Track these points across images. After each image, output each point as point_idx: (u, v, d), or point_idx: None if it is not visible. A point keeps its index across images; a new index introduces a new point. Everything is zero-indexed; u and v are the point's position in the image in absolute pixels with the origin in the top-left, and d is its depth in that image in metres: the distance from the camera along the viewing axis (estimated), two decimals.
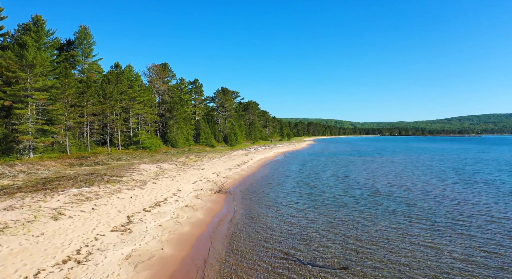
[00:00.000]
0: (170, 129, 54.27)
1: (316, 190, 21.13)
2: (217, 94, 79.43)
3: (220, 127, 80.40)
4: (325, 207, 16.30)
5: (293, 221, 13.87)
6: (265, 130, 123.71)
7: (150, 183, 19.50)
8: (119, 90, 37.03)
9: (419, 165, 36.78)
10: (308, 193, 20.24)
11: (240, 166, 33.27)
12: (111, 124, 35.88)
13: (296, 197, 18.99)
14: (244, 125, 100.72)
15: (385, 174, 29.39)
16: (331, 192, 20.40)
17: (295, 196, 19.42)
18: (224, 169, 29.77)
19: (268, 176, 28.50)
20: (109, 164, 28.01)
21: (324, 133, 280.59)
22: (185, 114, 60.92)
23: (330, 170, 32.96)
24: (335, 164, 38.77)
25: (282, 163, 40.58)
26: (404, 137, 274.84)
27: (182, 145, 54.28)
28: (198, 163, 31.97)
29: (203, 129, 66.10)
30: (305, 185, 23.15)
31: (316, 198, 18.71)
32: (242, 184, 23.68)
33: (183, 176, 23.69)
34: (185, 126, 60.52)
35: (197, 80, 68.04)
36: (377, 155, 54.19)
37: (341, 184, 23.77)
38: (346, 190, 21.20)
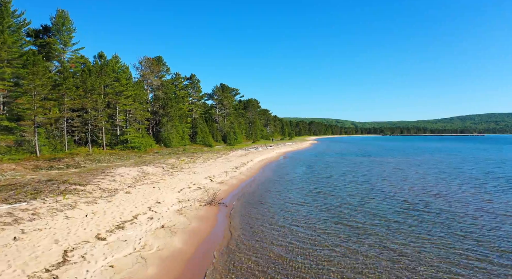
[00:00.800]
0: (163, 128, 50.18)
1: (331, 201, 17.01)
2: (215, 91, 75.26)
3: (218, 126, 76.29)
4: (349, 230, 12.14)
5: (311, 251, 9.76)
6: (266, 130, 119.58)
7: (123, 192, 15.40)
8: (103, 83, 32.96)
9: (441, 168, 32.62)
10: (322, 206, 16.11)
11: (238, 169, 29.19)
12: (93, 121, 31.82)
13: (309, 211, 14.89)
14: (245, 124, 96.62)
15: (407, 178, 25.26)
16: (350, 204, 16.28)
17: (306, 209, 15.31)
18: (219, 172, 25.68)
19: (271, 180, 24.40)
20: (84, 167, 23.93)
21: (326, 133, 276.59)
22: (181, 112, 56.82)
23: (341, 173, 28.84)
24: (345, 166, 34.64)
25: (286, 165, 36.48)
26: (407, 137, 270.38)
27: (176, 144, 50.18)
28: (190, 165, 27.88)
29: (200, 128, 62.00)
30: (317, 194, 19.04)
31: (333, 213, 14.59)
32: (240, 192, 19.58)
33: (169, 181, 19.59)
34: (180, 124, 56.40)
35: (194, 75, 63.95)
36: (388, 156, 50.05)
37: (359, 191, 19.65)
38: (368, 200, 17.08)
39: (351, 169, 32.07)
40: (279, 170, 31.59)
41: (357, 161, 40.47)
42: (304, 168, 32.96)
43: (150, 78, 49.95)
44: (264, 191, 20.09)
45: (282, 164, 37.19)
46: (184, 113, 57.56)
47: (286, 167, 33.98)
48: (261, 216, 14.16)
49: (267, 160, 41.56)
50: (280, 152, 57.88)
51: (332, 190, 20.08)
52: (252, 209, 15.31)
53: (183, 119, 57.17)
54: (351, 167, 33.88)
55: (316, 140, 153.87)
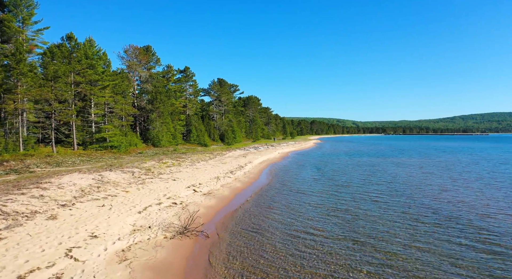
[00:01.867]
0: (152, 125, 44.70)
1: (366, 229, 11.41)
2: (212, 86, 69.62)
3: (216, 124, 70.80)
4: None
5: None
6: (267, 128, 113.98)
7: (42, 217, 9.86)
8: (72, 70, 27.45)
9: (479, 172, 26.97)
10: (354, 238, 10.53)
11: (233, 173, 23.65)
12: (57, 116, 26.27)
13: (337, 247, 9.33)
14: (244, 123, 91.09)
15: (446, 187, 19.66)
16: (396, 234, 10.69)
17: (334, 245, 9.74)
18: (208, 179, 20.15)
19: (275, 190, 18.85)
20: (32, 172, 18.41)
21: (328, 132, 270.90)
22: (173, 108, 51.31)
23: (360, 179, 23.26)
24: (361, 169, 29.04)
25: (291, 168, 30.91)
26: (410, 136, 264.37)
27: (166, 143, 44.66)
28: (172, 169, 22.33)
29: (194, 125, 56.48)
30: (340, 215, 13.45)
31: (377, 254, 9.02)
32: (233, 210, 14.03)
33: (133, 194, 14.06)
34: (172, 121, 50.91)
35: (188, 68, 58.28)
36: (403, 156, 44.39)
37: (397, 208, 14.08)
38: (418, 226, 11.50)
39: (370, 172, 26.48)
40: (284, 174, 26.02)
41: (373, 163, 34.86)
42: (313, 172, 27.37)
43: (137, 69, 44.40)
44: (266, 208, 14.53)
45: (287, 167, 31.61)
46: (176, 109, 52.03)
47: (292, 171, 28.40)
48: (263, 258, 8.62)
49: (268, 161, 35.99)
50: (283, 152, 52.31)
51: (359, 208, 14.49)
52: (249, 244, 9.76)
53: (175, 116, 51.65)
54: (369, 170, 28.29)
55: (319, 139, 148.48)
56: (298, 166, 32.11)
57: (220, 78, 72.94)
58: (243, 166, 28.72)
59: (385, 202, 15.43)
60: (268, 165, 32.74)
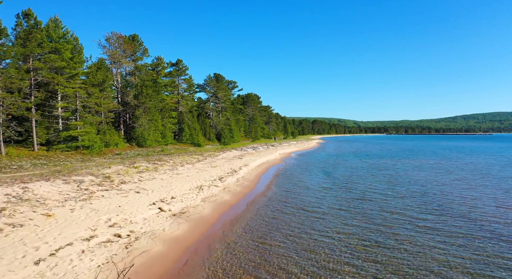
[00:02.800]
0: (138, 122, 39.89)
1: (415, 269, 6.54)
2: (208, 81, 64.69)
3: (212, 122, 65.93)
4: None
5: None
6: (267, 128, 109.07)
7: None
8: (29, 54, 22.66)
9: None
10: None
11: (223, 180, 18.80)
12: (6, 109, 21.39)
13: None
14: (243, 121, 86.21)
15: (498, 199, 14.76)
16: None
17: None
18: (187, 189, 15.29)
19: (274, 206, 13.96)
20: None
21: (330, 132, 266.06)
22: (163, 104, 46.48)
23: (382, 189, 18.35)
24: (379, 174, 24.12)
25: (294, 172, 26.02)
26: (413, 136, 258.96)
27: (153, 143, 39.82)
28: (143, 176, 17.46)
29: (187, 123, 51.62)
30: (372, 251, 8.58)
31: None
32: (212, 245, 9.15)
33: (56, 220, 9.20)
34: (161, 119, 46.10)
35: (180, 61, 53.33)
36: (418, 157, 39.42)
37: (458, 242, 9.20)
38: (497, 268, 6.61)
39: (392, 179, 21.58)
40: (286, 182, 21.13)
41: (388, 166, 29.94)
42: (321, 179, 22.48)
43: (121, 60, 39.55)
44: (261, 242, 9.66)
45: (289, 171, 26.74)
46: (167, 105, 47.17)
47: (295, 176, 23.50)
48: None
49: (268, 164, 31.13)
50: (284, 152, 47.44)
51: (401, 241, 9.60)
52: None
53: (165, 113, 46.81)
54: (389, 175, 23.37)
55: (321, 138, 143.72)
56: (302, 170, 27.22)
57: (217, 73, 68.09)
58: (237, 170, 23.86)
59: (435, 228, 10.56)
60: (267, 168, 27.87)
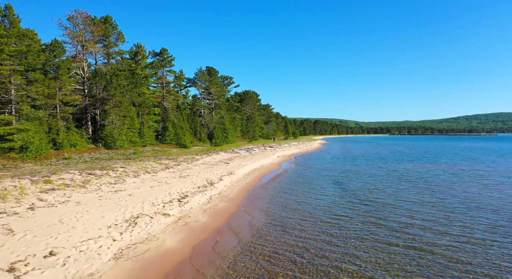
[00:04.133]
0: (108, 119, 33.35)
1: None
2: (199, 75, 58.03)
3: (204, 120, 59.36)
4: None
5: None
6: (266, 127, 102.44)
7: None
8: None
9: None
10: None
11: (185, 201, 12.19)
12: None
13: None
14: (240, 120, 79.60)
15: None
16: None
17: None
18: (102, 227, 8.69)
19: (264, 260, 7.34)
20: None
21: (332, 133, 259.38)
22: (142, 98, 39.95)
23: (432, 216, 11.70)
24: (412, 187, 17.44)
25: (296, 184, 19.36)
26: (417, 136, 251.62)
27: (125, 144, 33.25)
28: (47, 197, 10.86)
29: (172, 122, 45.03)
30: None
31: None
32: None
33: None
34: (140, 116, 39.58)
35: (165, 50, 46.65)
36: (443, 161, 32.68)
37: None
38: None
39: (435, 196, 14.93)
40: (283, 203, 14.46)
41: (415, 173, 23.26)
42: (334, 196, 15.81)
43: (87, 44, 32.99)
44: None
45: (288, 183, 20.10)
46: (147, 100, 40.60)
47: (296, 192, 16.85)
48: None
49: (261, 170, 24.52)
50: (284, 155, 40.83)
51: None
52: None
53: (145, 108, 40.26)
54: (425, 189, 16.70)
55: (324, 139, 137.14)
56: (305, 181, 20.54)
57: (210, 67, 61.40)
58: (216, 181, 17.26)
59: None
60: (260, 177, 21.26)
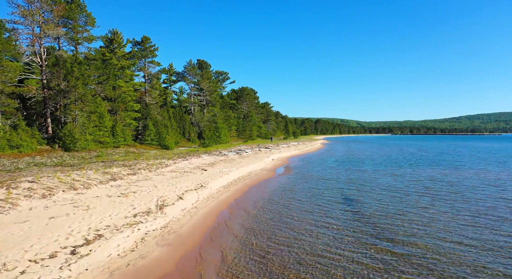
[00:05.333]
0: (71, 116, 28.13)
1: None
2: (189, 68, 52.69)
3: (194, 119, 54.09)
4: None
5: None
6: (265, 127, 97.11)
7: None
8: None
9: None
10: None
11: (87, 250, 6.88)
12: None
13: None
14: (236, 119, 74.31)
15: None
16: None
17: None
18: None
19: None
20: None
21: (333, 132, 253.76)
22: (118, 93, 34.73)
23: None
24: (443, 206, 12.07)
25: (291, 201, 14.01)
26: (421, 136, 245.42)
27: (91, 145, 28.00)
28: None
29: (154, 119, 39.79)
30: None
31: None
32: None
33: None
34: (112, 113, 34.37)
35: (147, 39, 41.34)
36: (466, 165, 27.24)
37: None
38: None
39: (491, 224, 9.60)
40: (265, 241, 9.16)
41: (443, 183, 17.85)
42: (341, 226, 10.46)
43: (43, 26, 27.72)
44: None
45: (282, 200, 14.75)
46: (123, 94, 35.34)
47: (287, 220, 11.54)
48: None
49: (246, 180, 19.20)
50: (280, 157, 35.51)
51: None
52: None
53: (120, 104, 34.99)
54: (465, 207, 11.33)
55: (325, 139, 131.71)
56: (300, 196, 15.14)
57: (201, 60, 56.05)
58: (171, 201, 11.96)
59: None
60: (243, 191, 15.94)
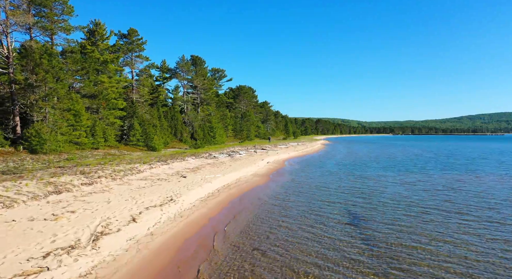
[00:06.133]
0: (36, 114, 25.05)
1: None
2: (181, 64, 49.54)
3: (187, 118, 51.00)
4: None
5: None
6: (263, 127, 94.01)
7: None
8: None
9: None
10: None
11: None
12: None
13: None
14: (234, 118, 71.25)
15: None
16: None
17: None
18: None
19: None
20: None
21: (334, 132, 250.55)
22: (99, 88, 31.67)
23: None
24: (476, 228, 8.98)
25: (275, 221, 10.88)
26: (422, 136, 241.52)
27: (64, 146, 24.89)
28: None
29: (141, 118, 36.71)
30: None
31: None
32: None
33: None
34: (91, 112, 31.37)
35: (134, 32, 38.22)
36: (482, 170, 24.02)
37: None
38: None
39: None
40: None
41: (464, 193, 14.69)
42: (347, 265, 7.36)
43: (11, 13, 24.66)
44: None
45: (267, 222, 11.64)
46: (105, 91, 32.25)
47: (271, 254, 8.44)
48: None
49: (232, 189, 16.08)
50: (276, 160, 32.41)
51: None
52: None
53: (100, 101, 31.89)
54: (503, 230, 8.23)
55: (326, 139, 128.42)
56: (291, 214, 11.98)
57: (195, 56, 52.92)
58: (116, 228, 8.85)
59: None
60: (222, 207, 12.80)
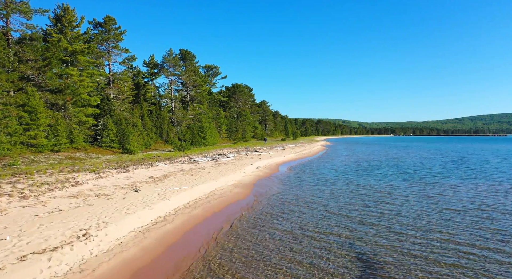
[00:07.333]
0: None
1: None
2: (168, 58, 45.41)
3: (175, 117, 46.90)
4: None
5: None
6: (261, 127, 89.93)
7: None
8: None
9: None
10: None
11: None
12: None
13: None
14: (229, 118, 67.20)
15: None
16: None
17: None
18: None
19: None
20: None
21: (335, 133, 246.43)
22: (65, 82, 27.58)
23: None
24: None
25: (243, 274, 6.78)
26: (424, 137, 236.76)
27: (4, 149, 20.77)
28: None
29: (117, 117, 32.60)
30: None
31: None
32: None
33: None
34: (55, 108, 27.35)
35: (111, 20, 34.11)
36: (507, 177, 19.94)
37: None
38: None
39: None
40: None
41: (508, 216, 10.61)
42: None
43: None
44: None
45: (234, 269, 7.49)
46: (72, 86, 28.15)
47: None
48: None
49: (197, 210, 11.94)
50: (268, 164, 28.28)
51: None
52: None
53: (66, 96, 27.78)
54: None
55: (326, 140, 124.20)
56: (276, 268, 7.92)
57: (185, 50, 48.81)
58: None
59: None
60: (150, 256, 8.65)
